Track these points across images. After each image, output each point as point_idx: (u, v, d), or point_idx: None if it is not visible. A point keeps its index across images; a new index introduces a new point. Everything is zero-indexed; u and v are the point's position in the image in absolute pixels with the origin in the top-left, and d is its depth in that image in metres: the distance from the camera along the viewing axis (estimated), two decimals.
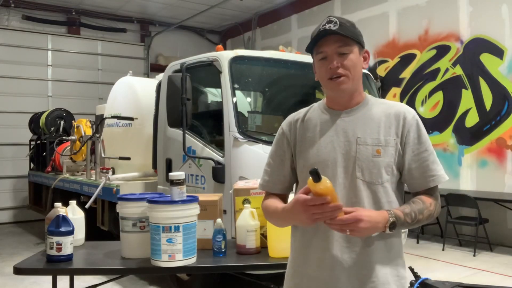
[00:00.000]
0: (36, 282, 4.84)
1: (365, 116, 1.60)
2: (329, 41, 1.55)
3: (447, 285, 3.38)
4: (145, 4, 9.98)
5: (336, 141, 1.59)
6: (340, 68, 1.55)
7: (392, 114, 1.60)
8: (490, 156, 6.62)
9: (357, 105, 1.63)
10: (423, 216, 1.53)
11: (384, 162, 1.54)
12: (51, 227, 2.40)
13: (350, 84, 1.57)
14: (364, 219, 1.40)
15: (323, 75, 1.59)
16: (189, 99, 4.10)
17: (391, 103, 1.66)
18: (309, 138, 1.64)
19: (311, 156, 1.61)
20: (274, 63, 4.67)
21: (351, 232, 1.40)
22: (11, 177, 9.36)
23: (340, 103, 1.63)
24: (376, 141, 1.56)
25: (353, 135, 1.57)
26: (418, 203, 1.55)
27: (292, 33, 9.97)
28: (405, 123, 1.58)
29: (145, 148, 5.28)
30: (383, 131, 1.57)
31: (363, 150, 1.55)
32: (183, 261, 2.27)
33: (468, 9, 6.90)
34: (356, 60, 1.58)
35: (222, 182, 4.01)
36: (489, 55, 6.66)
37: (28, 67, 9.53)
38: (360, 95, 1.64)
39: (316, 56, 1.61)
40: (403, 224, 1.49)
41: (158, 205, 2.29)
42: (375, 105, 1.63)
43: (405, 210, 1.51)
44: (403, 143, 1.57)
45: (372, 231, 1.45)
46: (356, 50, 1.58)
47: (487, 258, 5.84)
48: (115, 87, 6.03)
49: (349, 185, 1.55)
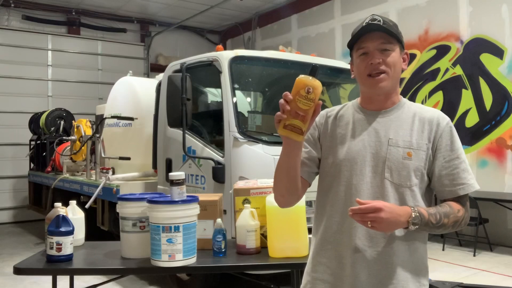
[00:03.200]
0: (36, 282, 4.84)
1: (399, 118, 1.58)
2: (373, 37, 1.54)
3: (447, 285, 3.38)
4: (145, 4, 9.99)
5: (367, 140, 1.57)
6: (382, 64, 1.53)
7: (426, 119, 1.57)
8: (490, 156, 6.62)
9: (392, 106, 1.61)
10: (448, 221, 1.49)
11: (414, 166, 1.52)
12: (51, 227, 2.40)
13: (389, 82, 1.55)
14: (385, 209, 1.37)
15: (362, 71, 1.56)
16: (189, 99, 4.10)
17: (426, 108, 1.63)
18: (340, 135, 1.62)
19: (340, 153, 1.59)
20: (274, 63, 4.67)
21: (372, 224, 1.38)
22: (11, 177, 9.37)
23: (376, 103, 1.61)
24: (408, 144, 1.54)
25: (385, 136, 1.56)
26: (445, 206, 1.52)
27: (292, 33, 9.96)
28: (438, 129, 1.56)
29: (145, 148, 5.28)
30: (416, 134, 1.55)
31: (393, 151, 1.53)
32: (183, 261, 2.27)
33: (468, 9, 6.90)
34: (398, 59, 1.56)
35: (222, 182, 4.01)
36: (489, 55, 6.66)
37: (28, 67, 9.54)
38: (396, 96, 1.62)
39: (357, 52, 1.58)
40: (427, 224, 1.46)
41: (158, 205, 2.28)
42: (410, 108, 1.61)
43: (430, 210, 1.48)
44: (434, 149, 1.55)
45: (394, 225, 1.42)
46: (397, 49, 1.57)
47: (487, 258, 5.84)
48: (115, 87, 6.03)
49: (377, 185, 1.53)
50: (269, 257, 2.45)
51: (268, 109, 5.01)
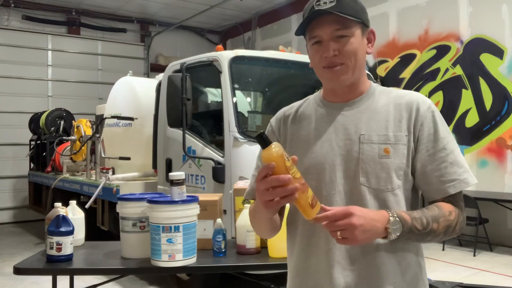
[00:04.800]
0: (36, 282, 4.84)
1: (370, 109, 1.33)
2: (324, 23, 1.26)
3: (447, 285, 3.38)
4: (145, 4, 9.99)
5: (334, 139, 1.32)
6: (338, 55, 1.27)
7: (403, 105, 1.31)
8: (490, 156, 6.62)
9: (360, 95, 1.35)
10: (438, 226, 1.22)
11: (394, 164, 1.26)
12: (51, 227, 2.40)
13: (350, 74, 1.29)
14: (357, 213, 1.11)
15: (317, 63, 1.32)
16: (189, 99, 4.10)
17: (402, 92, 1.37)
18: (302, 137, 1.37)
19: (304, 159, 1.32)
20: (274, 63, 4.68)
21: (343, 234, 1.11)
22: (11, 177, 9.37)
23: (339, 95, 1.36)
24: (384, 138, 1.28)
25: (355, 132, 1.30)
26: (433, 209, 1.24)
27: (292, 33, 9.96)
28: (418, 116, 1.30)
29: (145, 148, 5.29)
30: (393, 125, 1.29)
31: (367, 149, 1.27)
32: (183, 261, 2.27)
33: (468, 9, 6.90)
34: (358, 44, 1.29)
35: (222, 182, 4.01)
36: (489, 55, 6.66)
37: (28, 67, 9.54)
38: (363, 84, 1.37)
39: (309, 41, 1.32)
40: (411, 231, 1.19)
41: (158, 205, 2.28)
42: (382, 95, 1.35)
43: (413, 214, 1.21)
44: (416, 140, 1.29)
45: (370, 234, 1.14)
46: (358, 31, 1.29)
47: (487, 258, 5.84)
48: (115, 87, 6.03)
49: (351, 193, 1.27)
50: (269, 257, 2.46)
51: (268, 109, 5.01)
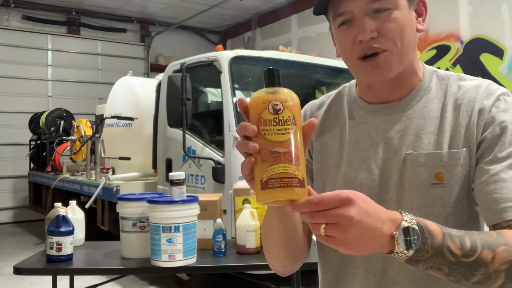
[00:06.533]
0: (36, 282, 4.84)
1: (422, 113, 0.97)
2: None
3: None
4: (145, 4, 9.99)
5: (373, 158, 0.98)
6: (377, 38, 0.91)
7: (463, 103, 0.94)
8: None
9: (409, 93, 0.99)
10: (494, 257, 0.77)
11: (449, 196, 0.90)
12: (51, 227, 2.40)
13: (395, 64, 0.93)
14: (359, 203, 0.72)
15: (349, 54, 0.96)
16: (189, 99, 4.11)
17: (468, 82, 0.97)
18: (332, 148, 1.05)
19: (332, 184, 1.02)
20: (274, 63, 4.67)
21: (329, 231, 0.72)
22: (11, 177, 9.36)
23: (379, 93, 1.01)
24: (436, 159, 0.92)
25: (399, 148, 0.95)
26: (489, 234, 0.81)
27: (292, 33, 9.96)
28: (482, 117, 0.91)
29: (145, 148, 5.29)
30: (449, 137, 0.93)
31: (413, 174, 0.93)
32: (183, 261, 2.27)
33: (468, 9, 6.90)
34: (405, 19, 0.93)
35: (222, 182, 4.01)
36: (489, 55, 6.66)
37: (28, 67, 9.53)
38: (415, 75, 1.00)
39: (334, 22, 0.98)
40: (442, 253, 0.75)
41: (158, 205, 2.28)
42: (440, 89, 0.98)
43: (449, 229, 0.79)
44: (479, 151, 0.91)
45: (368, 238, 0.72)
46: (403, 1, 0.93)
47: None
48: (115, 87, 6.04)
49: None
50: None
51: None
